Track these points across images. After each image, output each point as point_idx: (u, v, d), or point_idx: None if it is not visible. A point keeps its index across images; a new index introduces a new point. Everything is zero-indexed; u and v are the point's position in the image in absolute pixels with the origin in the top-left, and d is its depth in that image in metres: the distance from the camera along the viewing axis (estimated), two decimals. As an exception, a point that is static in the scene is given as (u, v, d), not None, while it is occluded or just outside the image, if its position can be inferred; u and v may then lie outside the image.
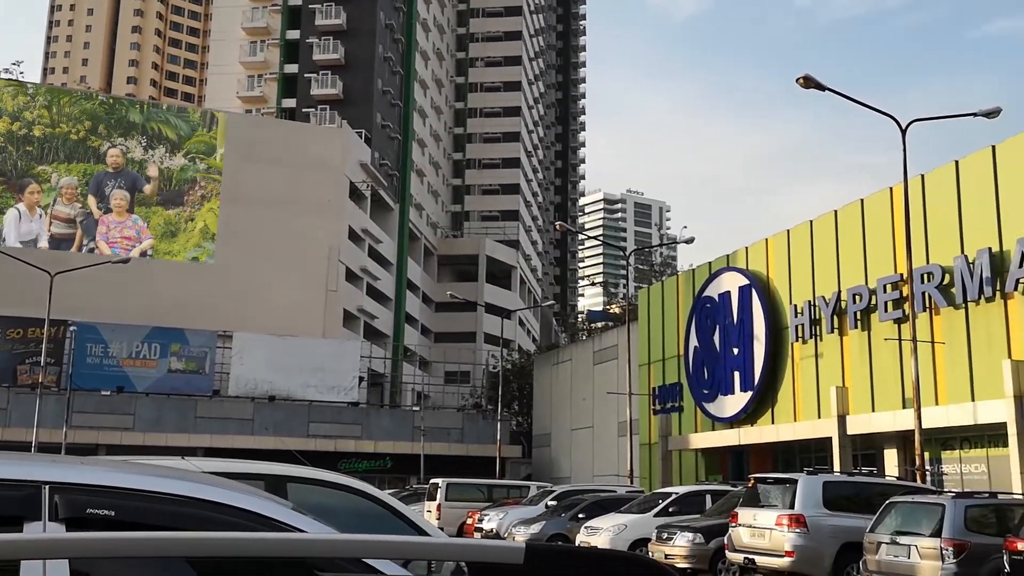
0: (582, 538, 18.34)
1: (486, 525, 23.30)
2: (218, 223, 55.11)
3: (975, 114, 20.23)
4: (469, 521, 25.19)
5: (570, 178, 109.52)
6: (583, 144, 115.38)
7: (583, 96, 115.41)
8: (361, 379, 50.34)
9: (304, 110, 63.37)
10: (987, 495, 13.12)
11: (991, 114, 20.08)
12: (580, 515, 20.19)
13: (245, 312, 51.16)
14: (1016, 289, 21.10)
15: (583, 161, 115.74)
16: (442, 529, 24.55)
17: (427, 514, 27.70)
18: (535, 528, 20.52)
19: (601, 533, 18.08)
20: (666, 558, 16.37)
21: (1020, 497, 13.21)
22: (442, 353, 65.38)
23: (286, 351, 47.56)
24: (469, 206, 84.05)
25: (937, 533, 11.86)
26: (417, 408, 50.99)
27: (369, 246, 60.69)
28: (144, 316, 47.20)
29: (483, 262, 73.90)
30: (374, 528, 5.07)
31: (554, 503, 23.03)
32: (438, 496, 28.01)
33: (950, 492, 13.77)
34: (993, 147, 22.49)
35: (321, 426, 46.55)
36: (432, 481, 29.68)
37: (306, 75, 63.96)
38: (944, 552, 11.67)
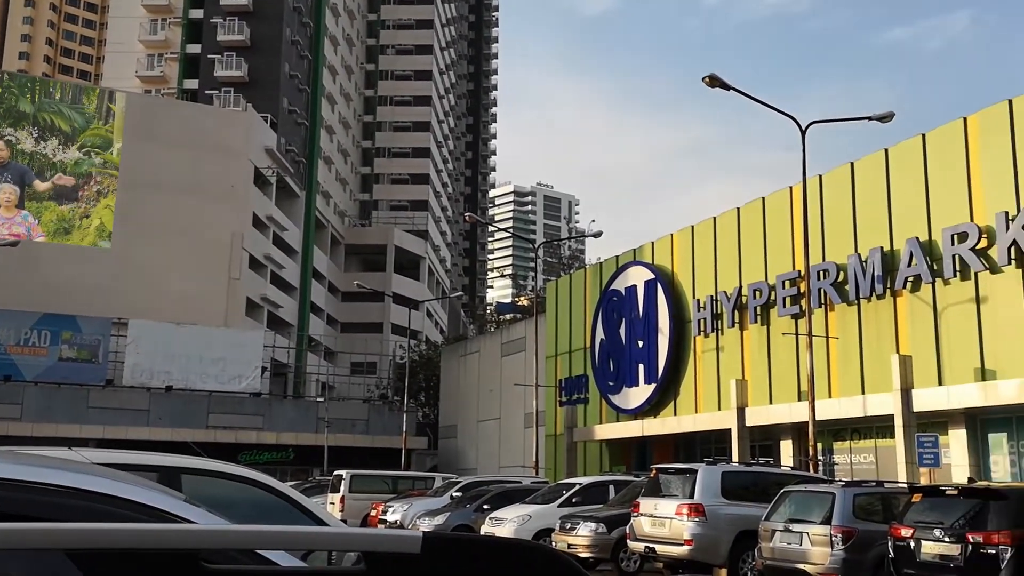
0: (487, 529, 18.37)
1: (390, 517, 23.11)
2: (115, 206, 53.00)
3: (870, 118, 21.02)
4: (373, 513, 24.94)
5: (480, 169, 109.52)
6: (494, 136, 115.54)
7: (495, 88, 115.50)
8: (264, 369, 49.31)
9: (207, 92, 61.49)
10: (874, 484, 13.63)
11: (885, 118, 20.88)
12: (485, 506, 20.20)
13: (142, 299, 49.42)
14: (905, 287, 22.07)
15: (494, 153, 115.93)
16: (345, 521, 24.26)
17: (330, 506, 27.29)
18: (440, 519, 20.45)
19: (505, 524, 18.15)
20: (569, 548, 16.54)
21: (905, 486, 13.80)
22: (348, 343, 64.58)
23: (185, 340, 46.19)
24: (378, 195, 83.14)
25: (827, 520, 12.29)
26: (322, 399, 50.23)
27: (274, 233, 59.40)
28: (34, 302, 45.11)
29: (391, 252, 73.25)
30: (273, 520, 4.93)
31: (459, 494, 22.99)
32: (342, 488, 27.65)
33: (840, 481, 14.27)
34: (886, 150, 23.44)
35: (221, 417, 45.41)
36: (336, 473, 29.29)
37: (210, 56, 62.08)
38: (833, 538, 12.11)
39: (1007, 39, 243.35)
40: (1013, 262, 19.60)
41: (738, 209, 28.27)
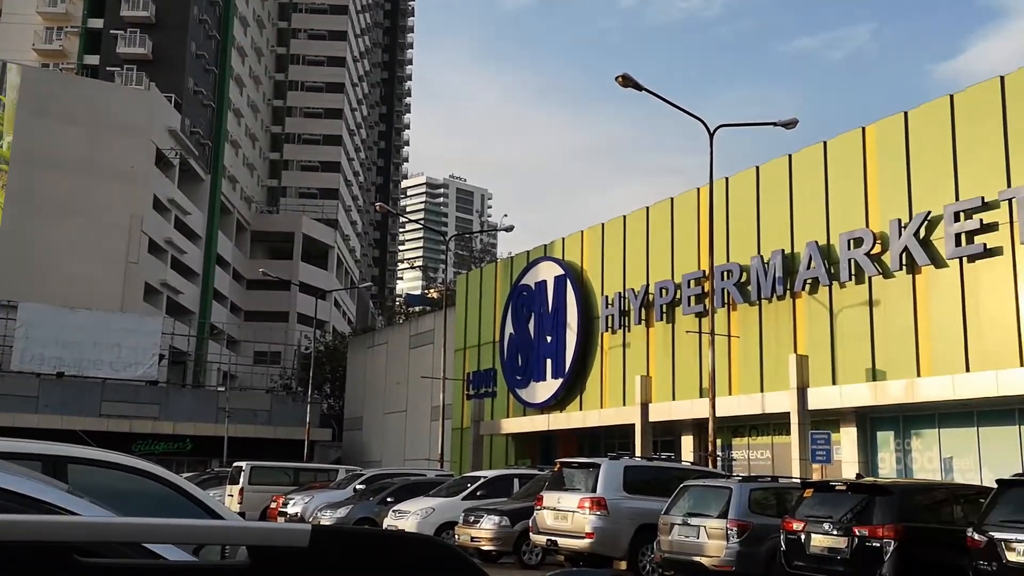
0: (389, 522, 18.22)
1: (291, 509, 22.72)
2: (6, 185, 50.44)
3: (775, 124, 21.62)
4: (273, 505, 24.47)
5: (393, 160, 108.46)
6: (408, 126, 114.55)
7: (410, 78, 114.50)
8: (161, 357, 47.79)
9: (109, 69, 59.08)
10: (769, 479, 14.03)
11: (789, 124, 21.51)
12: (389, 499, 20.05)
13: (33, 282, 47.24)
14: (804, 289, 22.80)
15: (407, 143, 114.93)
16: (243, 514, 23.73)
17: (229, 498, 26.68)
18: (342, 512, 20.19)
19: (408, 517, 18.03)
20: (472, 541, 16.54)
21: (798, 481, 14.25)
22: (252, 332, 63.11)
23: (78, 325, 44.38)
24: (286, 182, 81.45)
25: (724, 514, 12.59)
26: (222, 388, 48.97)
27: (176, 217, 57.54)
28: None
29: (299, 240, 71.87)
30: (164, 513, 4.74)
31: (362, 487, 22.76)
32: (241, 480, 27.05)
33: (737, 477, 14.64)
34: (789, 156, 24.15)
35: (115, 405, 43.81)
36: (235, 464, 28.64)
37: (112, 31, 59.65)
38: (729, 532, 12.41)
39: (905, 53, 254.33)
40: (904, 268, 20.46)
41: (647, 208, 28.73)
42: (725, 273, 24.69)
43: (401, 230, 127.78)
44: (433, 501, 18.65)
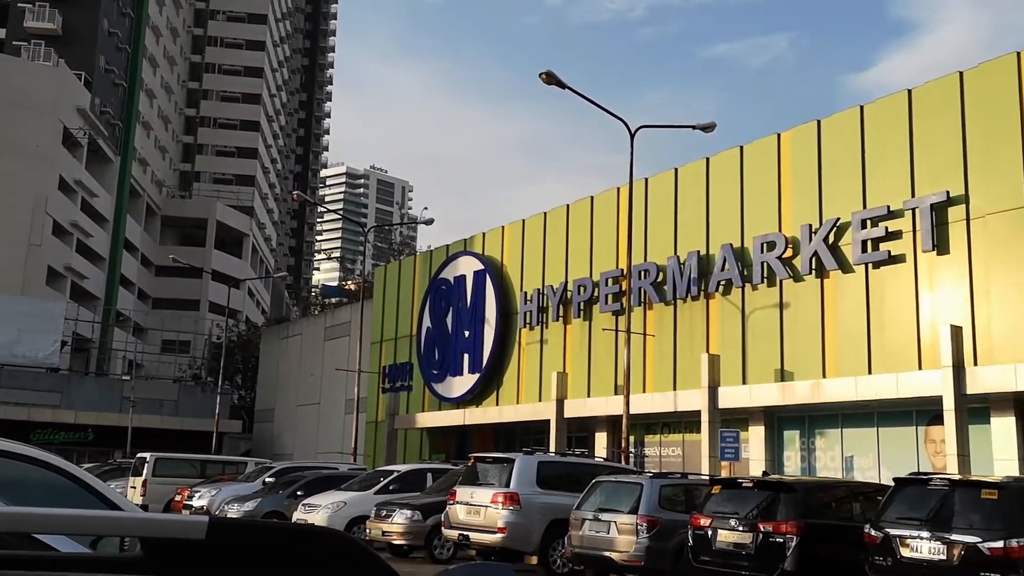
0: (299, 515, 17.92)
1: (196, 502, 22.14)
2: None
3: (694, 126, 21.99)
4: (178, 498, 23.82)
5: (312, 148, 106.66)
6: (328, 115, 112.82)
7: (331, 66, 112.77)
8: (64, 343, 46.01)
9: (15, 43, 56.48)
10: (679, 476, 14.27)
11: (707, 128, 21.91)
12: (299, 492, 19.72)
13: (-75, 261, 44.92)
14: (717, 290, 23.28)
15: (327, 132, 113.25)
16: (146, 507, 23.03)
17: (131, 490, 25.90)
18: (249, 505, 19.77)
19: (319, 511, 17.77)
20: (383, 535, 16.39)
21: (707, 478, 14.53)
22: (160, 320, 61.28)
23: (-26, 308, 42.38)
24: (200, 167, 79.30)
25: (635, 510, 12.75)
26: (128, 377, 47.42)
27: (83, 199, 55.41)
28: None
29: (212, 227, 70.03)
30: (61, 504, 4.53)
31: (272, 480, 22.33)
32: (144, 471, 26.27)
33: (648, 473, 14.84)
34: (707, 159, 24.62)
35: (13, 392, 41.99)
36: (139, 455, 27.79)
37: (20, 3, 57.07)
38: (639, 527, 12.58)
39: (820, 63, 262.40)
40: (813, 272, 21.09)
41: (568, 206, 28.92)
42: (642, 272, 25.04)
43: (319, 220, 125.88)
44: (344, 495, 18.41)
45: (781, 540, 10.61)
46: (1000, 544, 8.87)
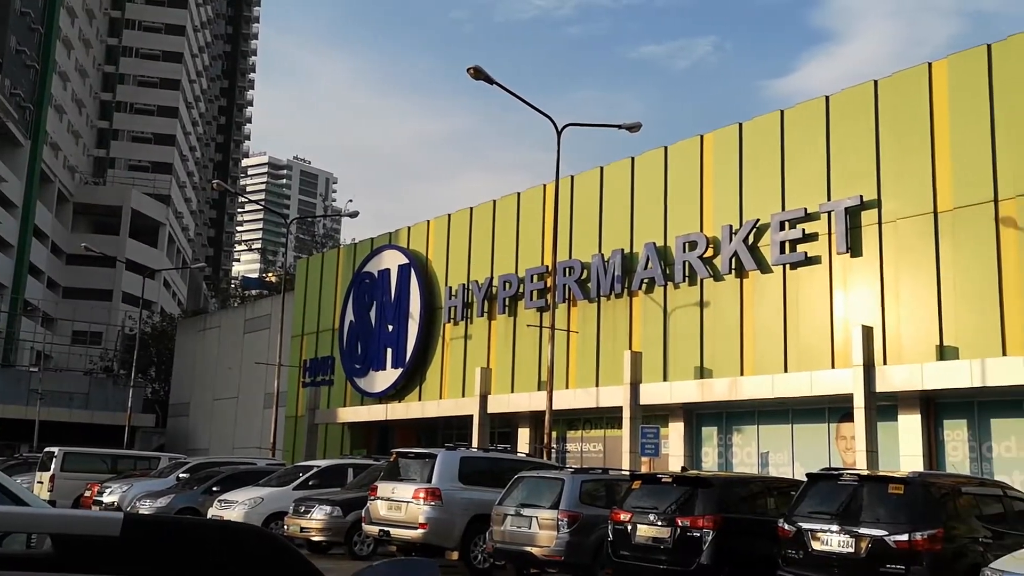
0: (214, 512, 17.51)
1: (107, 498, 21.46)
2: None
3: (620, 126, 22.19)
4: (87, 494, 23.06)
5: (233, 136, 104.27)
6: (250, 103, 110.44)
7: (254, 53, 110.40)
8: (-33, 333, 44.04)
9: (-83, 16, 53.84)
10: (600, 471, 14.40)
11: (633, 128, 22.13)
12: (214, 488, 19.28)
13: None
14: (640, 288, 23.59)
15: (249, 120, 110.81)
16: (53, 503, 22.21)
17: (38, 486, 25.00)
18: (162, 502, 19.25)
19: (235, 507, 17.39)
20: (302, 531, 16.15)
21: (627, 473, 14.71)
22: (71, 310, 59.20)
23: None
24: (116, 153, 76.77)
25: (556, 505, 12.82)
26: (36, 369, 45.68)
27: (-10, 183, 53.17)
28: None
29: (127, 215, 67.88)
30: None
31: (186, 475, 21.79)
32: (52, 466, 25.35)
33: (570, 468, 14.94)
34: (632, 158, 24.91)
35: (-90, 384, 40.09)
36: (46, 449, 26.81)
37: (-78, -25, 54.36)
38: (560, 522, 12.65)
39: (742, 68, 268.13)
40: (733, 271, 21.54)
41: (494, 202, 28.93)
42: (567, 269, 25.21)
43: (240, 210, 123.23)
44: (262, 491, 18.07)
45: (698, 534, 10.79)
46: (905, 537, 9.19)
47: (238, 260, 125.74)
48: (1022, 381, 16.40)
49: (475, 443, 25.62)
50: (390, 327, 31.31)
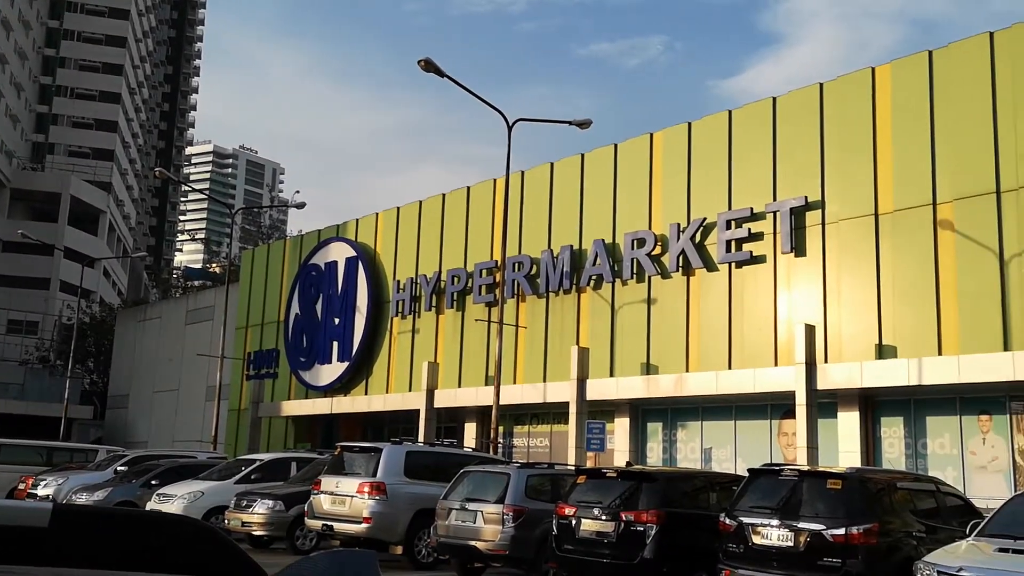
0: (153, 505, 17.17)
1: (41, 491, 20.93)
2: None
3: (570, 122, 22.26)
4: (21, 487, 22.45)
5: (178, 124, 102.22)
6: (196, 90, 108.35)
7: (201, 39, 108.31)
8: None
9: None
10: (546, 466, 14.44)
11: (583, 125, 22.22)
12: (153, 481, 18.92)
13: None
14: (589, 285, 23.71)
15: (194, 108, 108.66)
16: (-15, 496, 21.60)
17: (-33, 479, 24.23)
18: (99, 495, 18.84)
19: (175, 500, 17.09)
20: (243, 526, 15.92)
21: (573, 468, 14.78)
22: (6, 299, 57.49)
23: None
24: (55, 138, 74.69)
25: (501, 500, 12.82)
26: (-33, 359, 44.35)
27: (-79, 166, 51.39)
28: None
29: (66, 202, 66.07)
30: None
31: (124, 468, 21.35)
32: (-16, 459, 24.62)
33: (516, 463, 14.96)
34: (582, 155, 25.01)
35: None
36: (-22, 442, 26.04)
37: None
38: (505, 517, 12.65)
39: (692, 67, 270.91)
40: (680, 269, 21.77)
41: (444, 195, 28.81)
42: (516, 265, 25.23)
43: (183, 199, 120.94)
44: (202, 484, 17.78)
45: (641, 529, 10.87)
46: (842, 531, 9.37)
47: (180, 250, 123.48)
48: (956, 380, 16.86)
49: (421, 437, 25.53)
50: (336, 320, 31.03)
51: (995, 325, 16.90)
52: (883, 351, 18.33)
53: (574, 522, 11.46)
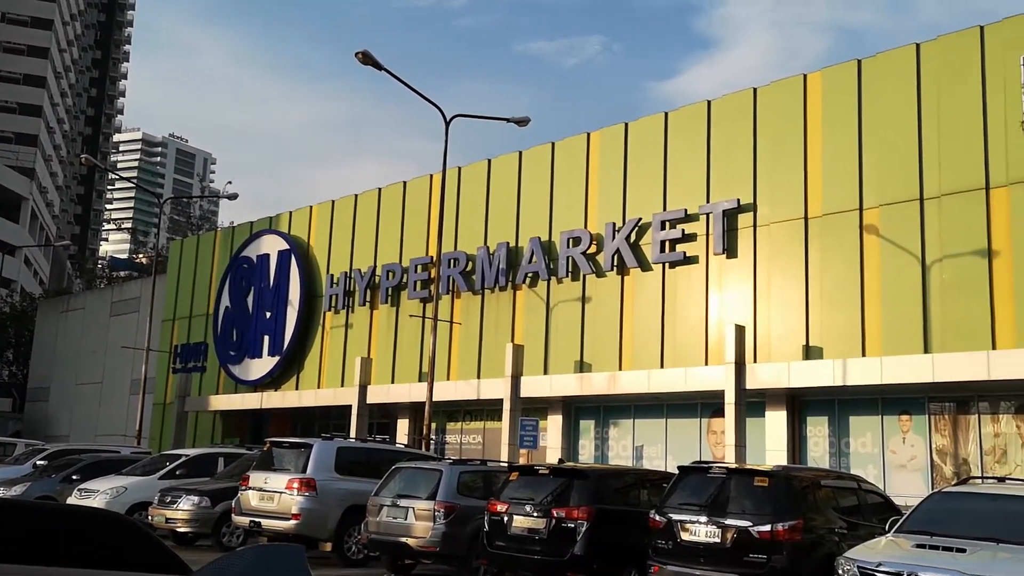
0: (74, 500, 16.67)
1: (-46, 487, 20.10)
2: None
3: (508, 119, 22.24)
4: (-67, 483, 21.55)
5: (105, 110, 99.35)
6: (125, 76, 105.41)
7: (131, 24, 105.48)
8: None
9: None
10: (479, 463, 14.41)
11: (521, 122, 22.20)
12: (75, 476, 18.38)
13: None
14: (524, 282, 23.75)
15: (123, 94, 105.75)
16: None
17: None
18: (17, 490, 18.24)
19: (96, 495, 16.62)
20: (167, 522, 15.57)
21: (505, 465, 14.79)
22: (-81, 287, 55.21)
23: None
24: (-24, 121, 71.98)
25: (433, 496, 12.75)
26: None
27: None
28: None
29: (-14, 187, 63.79)
30: None
31: (44, 463, 20.68)
32: None
33: (448, 459, 14.90)
34: (520, 152, 25.04)
35: None
36: None
37: None
38: (436, 513, 12.59)
39: (629, 68, 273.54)
40: (615, 268, 21.95)
41: (380, 190, 28.56)
42: (452, 261, 25.14)
43: (110, 187, 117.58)
44: (126, 479, 17.33)
45: (572, 525, 10.92)
46: (768, 528, 9.54)
47: (106, 239, 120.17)
48: (879, 381, 17.35)
49: (353, 433, 25.28)
50: (268, 314, 30.53)
51: (916, 328, 17.43)
52: (810, 352, 18.75)
53: (506, 519, 11.46)
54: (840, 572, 8.44)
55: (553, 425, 23.19)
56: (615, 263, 21.91)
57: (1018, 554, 7.91)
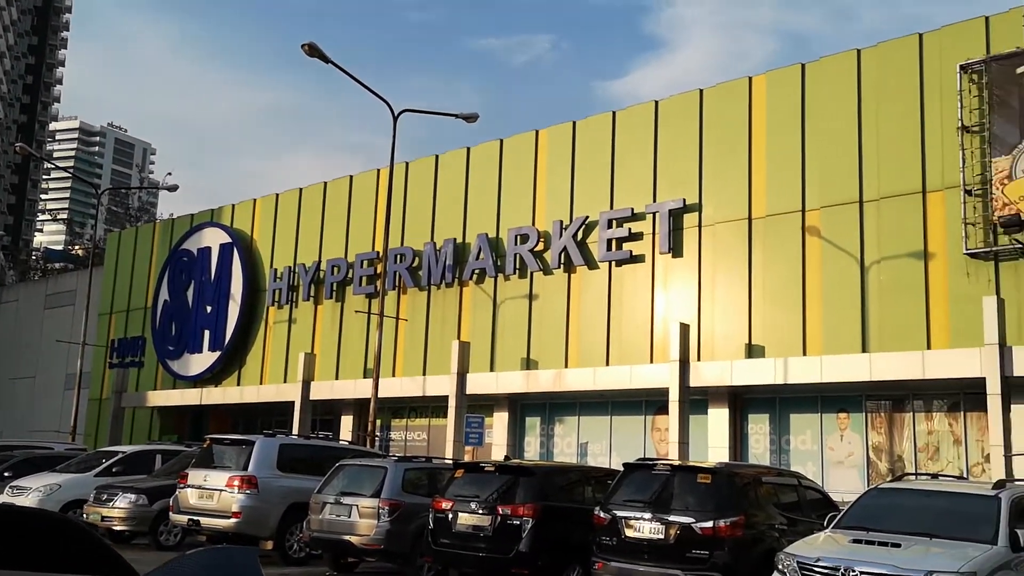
0: (6, 498, 16.16)
1: None
2: None
3: (457, 115, 22.13)
4: None
5: (41, 98, 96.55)
6: (62, 63, 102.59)
7: (69, 10, 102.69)
8: None
9: None
10: (424, 460, 14.32)
11: (470, 118, 22.10)
12: (6, 473, 17.85)
13: None
14: (471, 279, 23.70)
15: (60, 82, 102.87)
16: None
17: None
18: (-56, 489, 17.57)
19: (29, 493, 16.17)
20: (103, 520, 15.20)
21: (451, 462, 14.73)
22: None
23: None
24: (-97, 105, 69.42)
25: (377, 494, 12.62)
26: None
27: None
28: None
29: (-86, 175, 61.67)
30: None
31: (-27, 461, 20.01)
32: None
33: (393, 457, 14.79)
34: (468, 149, 24.98)
35: None
36: None
37: None
38: (380, 511, 12.47)
39: (577, 67, 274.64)
40: (562, 266, 22.02)
41: (325, 184, 28.24)
42: (398, 256, 24.97)
43: (45, 177, 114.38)
44: (59, 477, 16.87)
45: (518, 522, 10.91)
46: (710, 524, 9.65)
47: (41, 230, 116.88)
48: (818, 379, 17.69)
49: (296, 430, 24.97)
50: (208, 308, 29.99)
51: (855, 328, 17.81)
52: (752, 351, 19.04)
53: (451, 516, 11.40)
54: (780, 567, 8.57)
55: (499, 422, 23.19)
56: (562, 261, 21.98)
57: (950, 548, 8.11)
